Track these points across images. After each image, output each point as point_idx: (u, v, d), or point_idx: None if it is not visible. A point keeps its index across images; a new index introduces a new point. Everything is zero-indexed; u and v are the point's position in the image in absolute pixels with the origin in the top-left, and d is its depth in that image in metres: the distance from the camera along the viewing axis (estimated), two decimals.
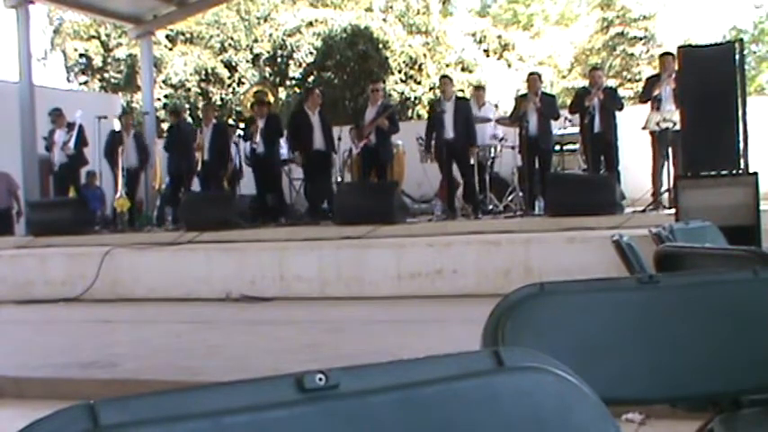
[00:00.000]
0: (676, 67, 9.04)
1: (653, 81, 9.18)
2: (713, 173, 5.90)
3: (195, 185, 11.35)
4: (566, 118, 10.62)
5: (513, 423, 0.73)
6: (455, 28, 24.99)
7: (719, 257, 2.43)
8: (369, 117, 9.95)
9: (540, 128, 9.57)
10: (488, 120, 10.75)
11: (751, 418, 1.59)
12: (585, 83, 11.32)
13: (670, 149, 8.93)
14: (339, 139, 10.31)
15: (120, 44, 22.18)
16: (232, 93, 21.82)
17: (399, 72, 21.37)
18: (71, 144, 11.07)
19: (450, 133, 9.51)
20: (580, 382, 0.77)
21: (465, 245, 7.42)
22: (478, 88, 12.21)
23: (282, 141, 10.81)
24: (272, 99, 12.61)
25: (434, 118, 9.82)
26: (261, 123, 10.47)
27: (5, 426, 3.81)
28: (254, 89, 14.02)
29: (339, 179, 10.67)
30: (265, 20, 22.61)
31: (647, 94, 9.05)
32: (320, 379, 0.69)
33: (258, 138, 10.36)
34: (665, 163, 9.05)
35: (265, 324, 6.38)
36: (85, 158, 11.37)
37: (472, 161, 9.75)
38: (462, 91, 17.69)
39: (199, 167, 10.95)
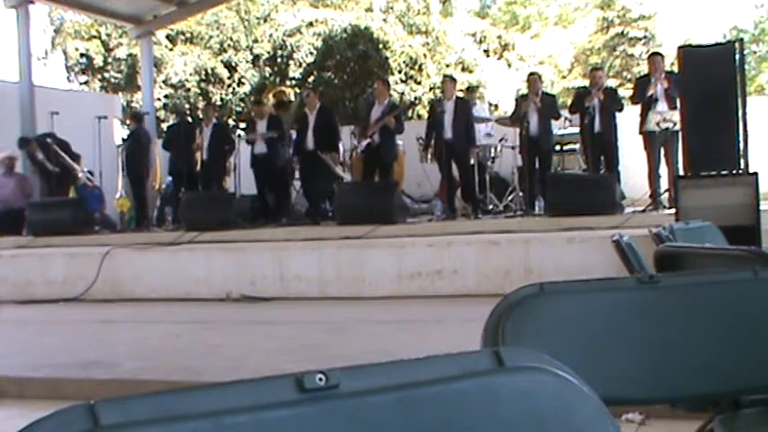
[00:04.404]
0: (666, 67, 9.16)
1: (644, 82, 9.17)
2: (713, 173, 5.90)
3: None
4: (566, 118, 10.62)
5: (513, 423, 0.73)
6: (455, 28, 24.98)
7: (719, 257, 2.43)
8: (375, 115, 9.85)
9: (540, 128, 9.56)
10: (487, 120, 10.76)
11: (751, 418, 1.59)
12: (586, 83, 11.31)
13: (662, 150, 8.94)
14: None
15: (120, 44, 22.16)
16: (232, 93, 21.81)
17: (399, 72, 21.35)
18: (48, 165, 11.02)
19: (448, 133, 9.51)
20: (580, 382, 0.77)
21: (465, 245, 7.42)
22: (470, 89, 12.24)
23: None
24: (292, 99, 12.55)
25: (434, 118, 9.81)
26: (261, 125, 10.47)
27: (6, 426, 3.81)
28: (275, 90, 13.88)
29: (343, 179, 10.62)
30: (265, 20, 22.60)
31: (641, 96, 9.04)
32: (320, 379, 0.69)
33: (259, 138, 10.38)
34: (659, 163, 9.07)
35: (265, 324, 6.38)
36: (71, 165, 11.11)
37: (472, 161, 9.76)
38: (462, 91, 17.73)
39: (198, 167, 10.93)
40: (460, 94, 10.57)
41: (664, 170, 9.12)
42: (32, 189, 11.75)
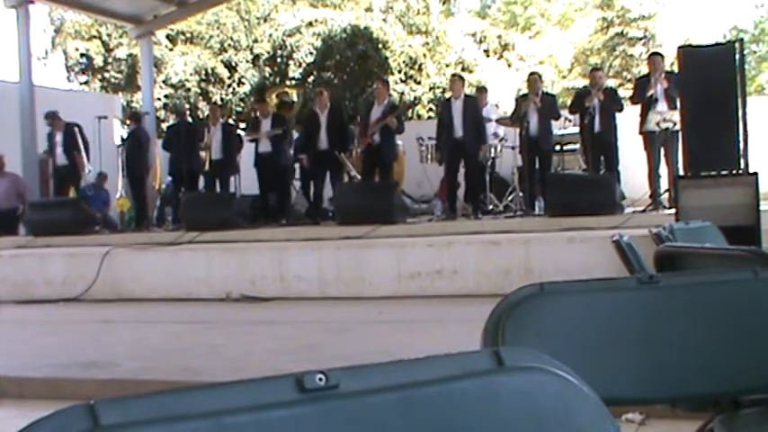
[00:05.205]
0: (666, 67, 9.16)
1: (644, 82, 9.18)
2: (713, 173, 5.90)
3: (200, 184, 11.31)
4: (566, 118, 10.62)
5: (513, 423, 0.73)
6: (455, 28, 24.98)
7: (719, 257, 2.43)
8: (375, 116, 9.84)
9: (540, 128, 9.56)
10: (489, 120, 10.75)
11: (751, 418, 1.59)
12: (586, 83, 11.30)
13: (662, 150, 8.94)
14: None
15: (120, 44, 22.18)
16: (232, 93, 21.82)
17: (399, 72, 21.36)
18: (59, 151, 11.03)
19: (459, 132, 9.50)
20: (580, 382, 0.77)
21: (465, 245, 7.42)
22: (481, 90, 12.24)
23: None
24: (295, 99, 12.52)
25: (442, 118, 9.81)
26: (265, 123, 10.45)
27: (6, 426, 3.81)
28: (278, 91, 13.84)
29: (349, 177, 10.60)
30: (265, 20, 22.61)
31: (641, 96, 9.04)
32: (320, 379, 0.69)
33: (264, 137, 10.37)
34: (659, 163, 9.07)
35: (265, 324, 6.38)
36: (83, 162, 11.09)
37: (480, 160, 9.77)
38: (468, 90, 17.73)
39: (206, 167, 10.91)
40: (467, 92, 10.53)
41: (664, 170, 9.12)
42: (26, 188, 11.76)
